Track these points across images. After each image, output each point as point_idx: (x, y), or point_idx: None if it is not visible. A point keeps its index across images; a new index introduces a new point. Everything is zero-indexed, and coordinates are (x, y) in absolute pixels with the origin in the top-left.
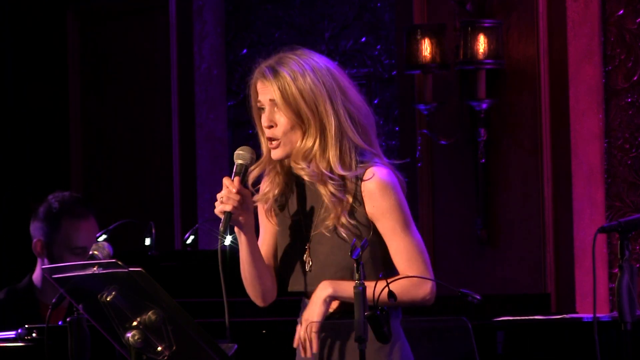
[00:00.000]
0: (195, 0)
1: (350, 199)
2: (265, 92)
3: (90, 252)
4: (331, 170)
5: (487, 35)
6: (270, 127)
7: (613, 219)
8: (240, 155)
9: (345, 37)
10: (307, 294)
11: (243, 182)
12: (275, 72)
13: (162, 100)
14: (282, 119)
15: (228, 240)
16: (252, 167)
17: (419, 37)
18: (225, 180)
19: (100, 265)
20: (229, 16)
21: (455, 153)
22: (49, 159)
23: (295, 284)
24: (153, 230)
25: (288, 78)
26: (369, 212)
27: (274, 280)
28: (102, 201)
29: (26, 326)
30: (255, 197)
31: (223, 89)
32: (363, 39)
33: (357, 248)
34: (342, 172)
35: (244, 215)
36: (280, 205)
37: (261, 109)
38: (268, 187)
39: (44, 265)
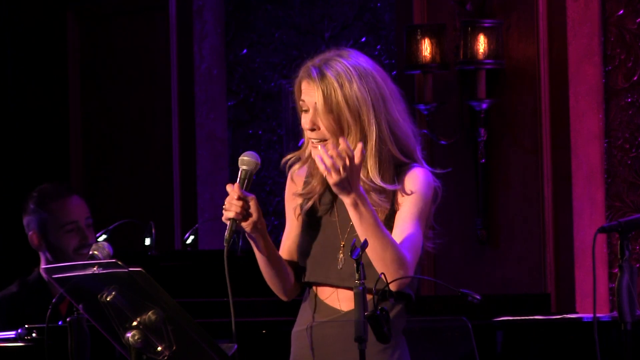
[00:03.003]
0: (195, 0)
1: (389, 207)
2: (310, 93)
3: (90, 252)
4: (371, 180)
5: (487, 35)
6: (313, 129)
7: (613, 219)
8: (245, 162)
9: (345, 37)
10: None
11: (247, 187)
12: (321, 75)
13: (162, 100)
14: (327, 123)
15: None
16: (298, 165)
17: (419, 37)
18: (228, 187)
19: (100, 265)
20: (229, 16)
21: (455, 153)
22: (48, 159)
23: (313, 276)
24: (153, 230)
25: (335, 84)
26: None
27: (294, 275)
28: (102, 201)
29: (26, 326)
30: (301, 192)
31: (223, 89)
32: (363, 39)
33: (357, 248)
34: (381, 184)
35: (250, 221)
36: (315, 203)
37: (304, 110)
38: (316, 184)
39: (46, 257)
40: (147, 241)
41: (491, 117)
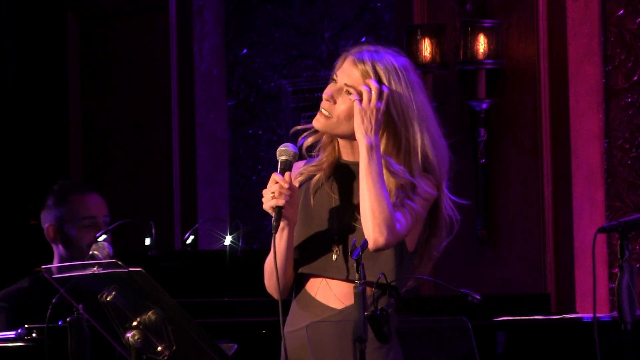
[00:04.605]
0: (195, 0)
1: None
2: (348, 73)
3: (90, 252)
4: (392, 168)
5: (487, 35)
6: (328, 100)
7: (613, 219)
8: (283, 152)
9: (345, 37)
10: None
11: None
12: (370, 64)
13: (162, 100)
14: (343, 106)
15: (228, 241)
16: (311, 138)
17: (419, 37)
18: (276, 176)
19: (100, 265)
20: (229, 16)
21: (455, 153)
22: (48, 159)
23: (307, 268)
24: (153, 230)
25: (384, 78)
26: None
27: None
28: None
29: (26, 326)
30: (308, 168)
31: (223, 89)
32: (363, 39)
33: (357, 248)
34: (396, 169)
35: (292, 210)
36: (310, 195)
37: (333, 80)
38: (324, 159)
39: (59, 252)
40: (147, 241)
41: (491, 117)
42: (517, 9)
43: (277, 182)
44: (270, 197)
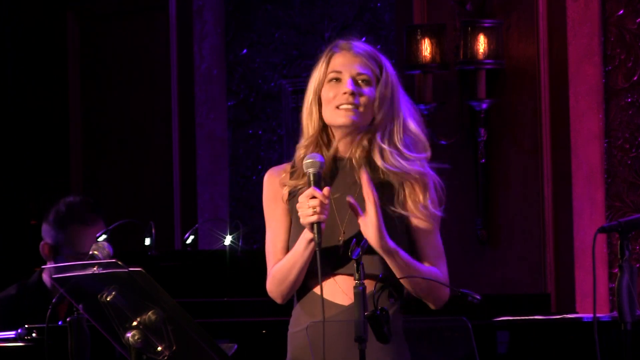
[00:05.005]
0: (195, 0)
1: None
2: (358, 63)
3: (90, 252)
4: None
5: (487, 35)
6: (353, 94)
7: (613, 219)
8: (310, 164)
9: (345, 37)
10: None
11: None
12: (368, 49)
13: (162, 100)
14: (366, 95)
15: (228, 241)
16: (303, 145)
17: (419, 37)
18: (315, 192)
19: (100, 265)
20: (229, 16)
21: (455, 153)
22: (49, 158)
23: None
24: (153, 230)
25: (382, 62)
26: (408, 205)
27: None
28: (102, 201)
29: (26, 326)
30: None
31: (223, 89)
32: (363, 39)
33: (357, 248)
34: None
35: (325, 222)
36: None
37: (335, 80)
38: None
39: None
40: (147, 241)
41: (491, 117)
42: (517, 9)
43: (314, 197)
44: (312, 213)
